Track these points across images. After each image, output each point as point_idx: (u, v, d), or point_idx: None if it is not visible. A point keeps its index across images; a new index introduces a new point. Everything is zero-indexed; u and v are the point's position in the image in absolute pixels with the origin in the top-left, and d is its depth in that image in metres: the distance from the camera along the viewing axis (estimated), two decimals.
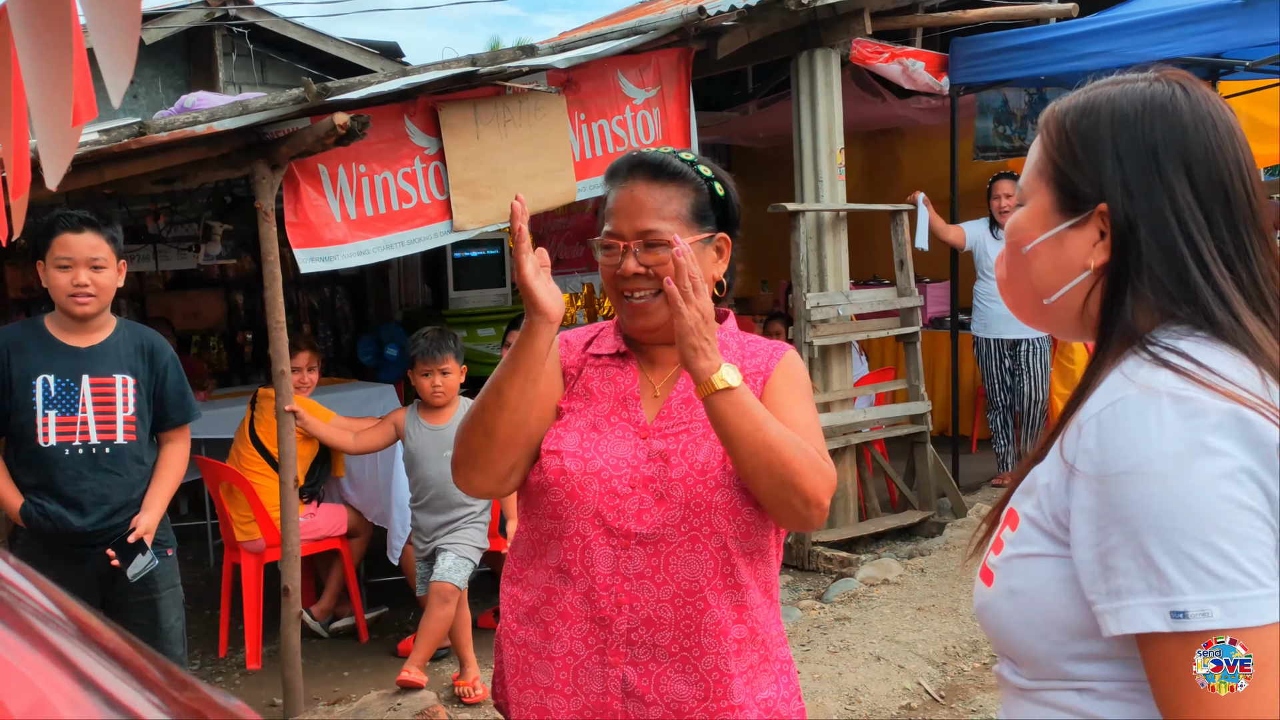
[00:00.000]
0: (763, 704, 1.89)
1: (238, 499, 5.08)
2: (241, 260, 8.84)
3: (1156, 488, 1.10)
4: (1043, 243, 1.29)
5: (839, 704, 4.27)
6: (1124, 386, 1.16)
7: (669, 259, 1.82)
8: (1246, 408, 1.11)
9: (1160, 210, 1.21)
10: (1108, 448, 1.14)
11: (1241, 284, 1.21)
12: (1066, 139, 1.28)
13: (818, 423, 1.92)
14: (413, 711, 4.17)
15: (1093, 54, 6.32)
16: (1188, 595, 1.07)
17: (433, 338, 4.65)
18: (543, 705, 1.90)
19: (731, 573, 1.85)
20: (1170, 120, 1.24)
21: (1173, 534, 1.08)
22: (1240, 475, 1.09)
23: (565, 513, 1.88)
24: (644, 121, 5.65)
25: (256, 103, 4.29)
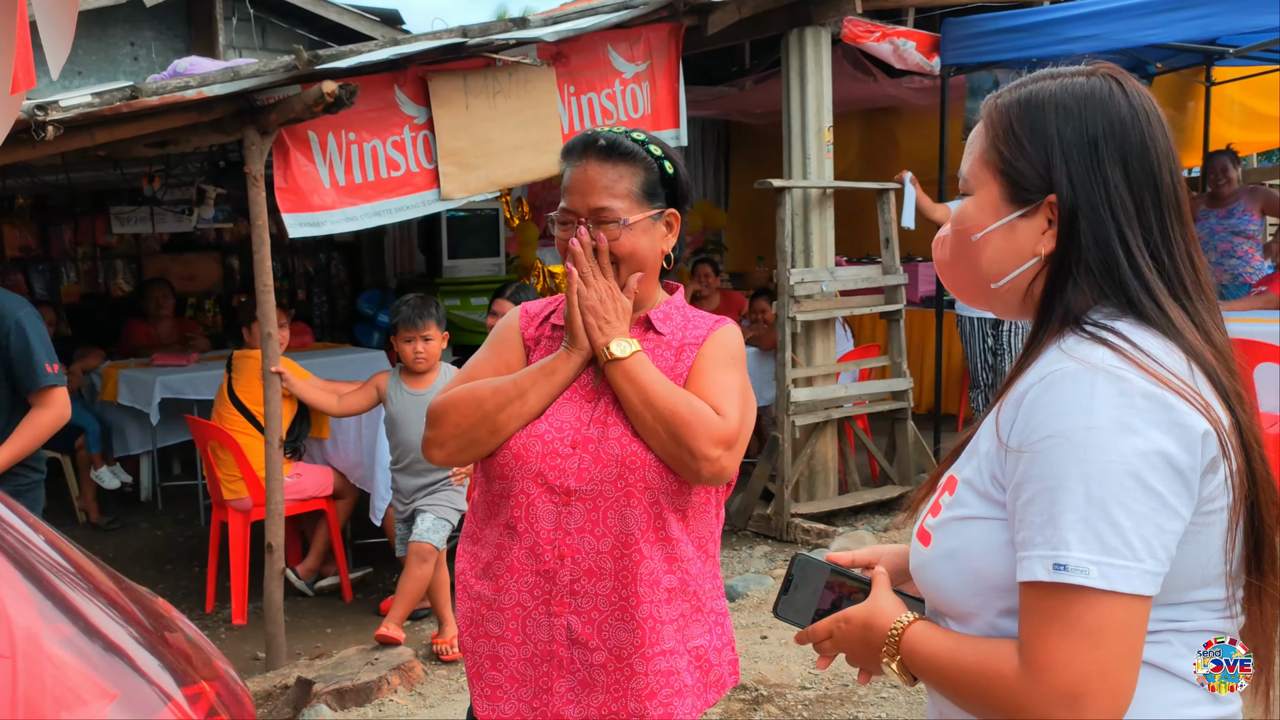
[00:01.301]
0: (693, 651, 2.03)
1: (225, 458, 5.19)
2: (237, 224, 8.91)
3: (1075, 453, 1.19)
4: (993, 231, 1.36)
5: (804, 667, 4.38)
6: (1061, 360, 1.25)
7: (619, 234, 2.01)
8: (1174, 393, 1.20)
9: (1097, 202, 1.30)
10: (1038, 413, 1.23)
11: (1164, 272, 1.30)
12: (1013, 132, 1.35)
13: (736, 387, 2.04)
14: (390, 666, 4.29)
15: (1081, 37, 6.37)
16: (1073, 551, 1.17)
17: (415, 304, 4.74)
18: (495, 653, 2.03)
19: (663, 526, 1.98)
20: (1110, 114, 1.31)
21: (1077, 497, 1.18)
22: (1154, 458, 1.18)
23: (511, 473, 2.00)
24: (633, 95, 5.71)
25: (247, 69, 4.36)
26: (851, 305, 6.63)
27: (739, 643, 4.55)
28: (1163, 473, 1.18)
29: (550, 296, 2.25)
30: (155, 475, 7.25)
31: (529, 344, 2.15)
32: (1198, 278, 1.32)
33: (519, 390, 2.02)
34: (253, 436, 5.14)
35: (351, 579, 5.54)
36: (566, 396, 2.04)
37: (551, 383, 2.03)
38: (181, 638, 1.63)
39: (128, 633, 1.52)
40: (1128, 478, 1.17)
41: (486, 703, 2.04)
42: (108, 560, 4.47)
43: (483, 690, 2.05)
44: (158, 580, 5.84)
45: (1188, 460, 1.20)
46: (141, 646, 1.50)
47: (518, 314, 2.21)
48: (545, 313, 2.19)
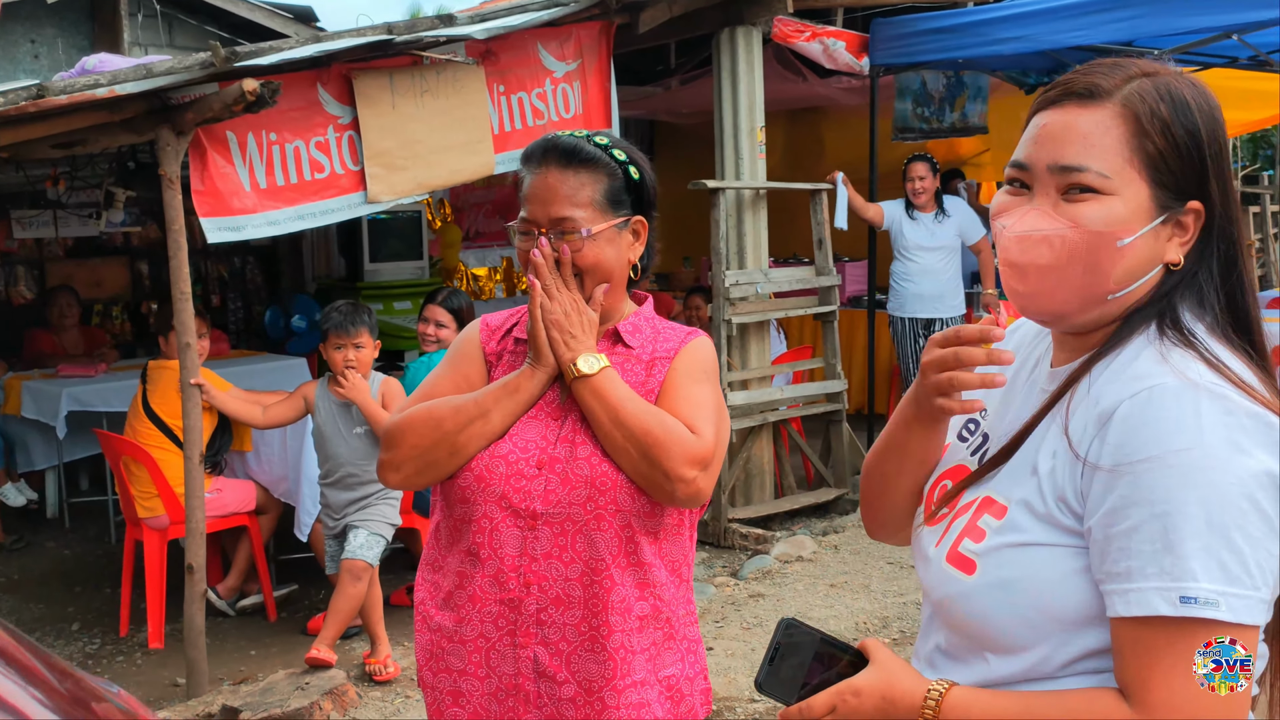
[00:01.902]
0: (665, 681, 1.92)
1: (139, 474, 4.94)
2: (147, 228, 8.60)
3: (1189, 476, 1.11)
4: (1141, 237, 1.24)
5: (751, 679, 4.29)
6: (1160, 372, 1.17)
7: (582, 245, 1.90)
8: (1273, 413, 1.14)
9: (1231, 210, 1.25)
10: (1139, 432, 1.14)
11: (1249, 292, 1.28)
12: (1170, 130, 1.24)
13: (710, 403, 1.94)
14: (321, 691, 4.10)
15: (1008, 39, 6.41)
16: (1200, 582, 1.09)
17: (346, 311, 4.55)
18: (457, 689, 1.92)
19: (635, 550, 1.87)
20: (1218, 118, 1.26)
21: (1198, 523, 1.10)
22: (1265, 480, 1.11)
23: (473, 496, 1.89)
24: (564, 95, 5.58)
25: (161, 66, 4.14)
26: (786, 307, 6.58)
27: None
28: (1273, 494, 1.12)
29: (513, 309, 2.12)
30: (62, 491, 6.93)
31: (490, 359, 2.04)
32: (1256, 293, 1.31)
33: (481, 409, 1.91)
34: (169, 451, 4.91)
35: (276, 597, 5.33)
36: (531, 415, 1.93)
37: (515, 401, 1.92)
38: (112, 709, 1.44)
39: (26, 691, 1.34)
40: (1245, 501, 1.11)
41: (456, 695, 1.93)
42: (13, 583, 4.20)
43: (448, 680, 1.94)
44: (68, 603, 5.56)
45: None
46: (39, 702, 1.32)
47: (477, 327, 2.09)
48: (507, 325, 2.07)
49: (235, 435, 5.27)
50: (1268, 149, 16.63)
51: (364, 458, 4.51)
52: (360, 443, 4.53)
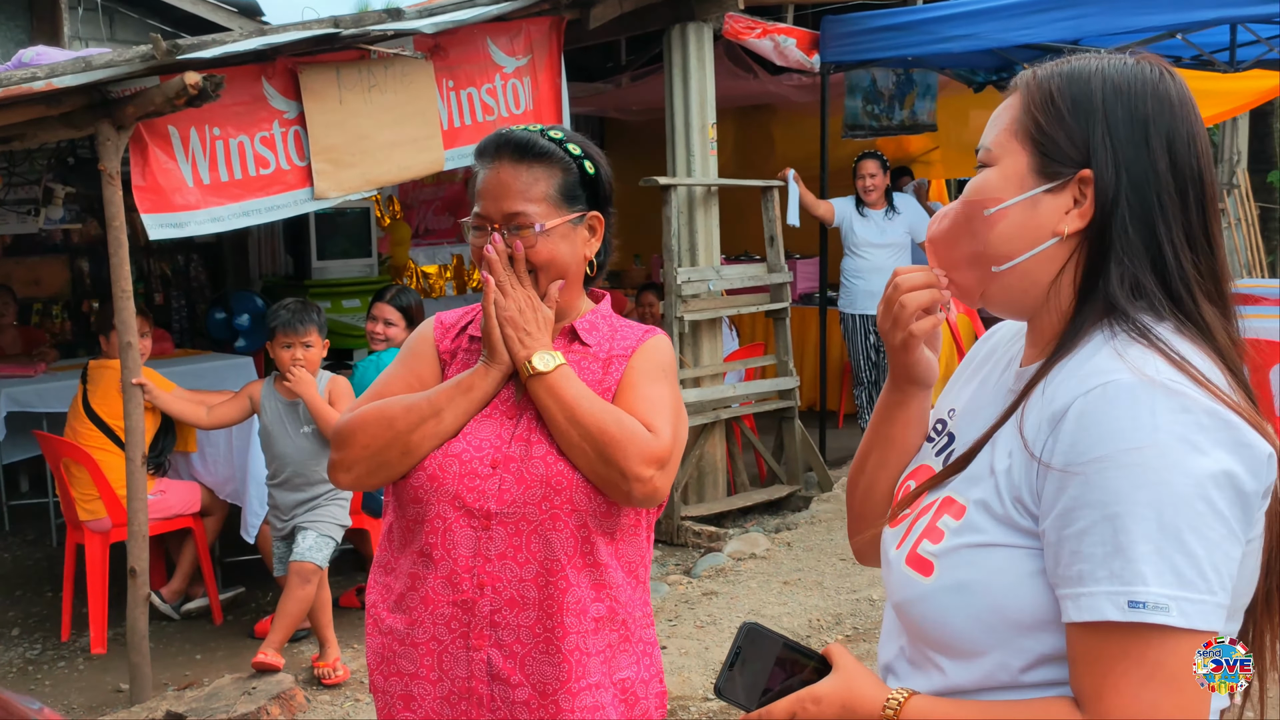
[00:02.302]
0: (620, 684, 1.90)
1: (80, 476, 4.83)
2: (87, 225, 8.43)
3: (1141, 475, 1.07)
4: (1013, 206, 1.23)
5: (705, 678, 4.27)
6: (1114, 368, 1.12)
7: (535, 241, 1.87)
8: (1233, 411, 1.10)
9: (1145, 185, 1.19)
10: (1091, 429, 1.10)
11: (1200, 270, 1.19)
12: (1053, 100, 1.23)
13: (668, 402, 1.91)
14: (269, 695, 4.03)
15: (958, 37, 6.45)
16: (1150, 586, 1.06)
17: (295, 309, 4.47)
18: (408, 693, 1.88)
19: (591, 551, 1.84)
20: (1160, 97, 1.21)
21: (1149, 524, 1.06)
22: (1222, 479, 1.07)
23: (426, 496, 1.86)
24: (514, 90, 5.53)
25: (101, 59, 4.05)
26: (738, 304, 6.57)
27: None
28: (1230, 496, 1.08)
29: (468, 306, 2.09)
30: (1, 494, 6.77)
31: (445, 357, 2.00)
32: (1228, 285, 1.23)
33: (434, 408, 1.87)
34: (111, 453, 4.80)
35: (222, 600, 5.23)
36: (486, 414, 1.90)
37: (469, 399, 1.88)
38: None
39: None
40: (1200, 502, 1.06)
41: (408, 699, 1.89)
42: None
43: (399, 683, 1.90)
44: (8, 608, 5.43)
45: (1252, 484, 1.09)
46: None
47: (432, 325, 2.05)
48: (462, 323, 2.03)
49: (179, 436, 5.17)
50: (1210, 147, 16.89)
51: (311, 458, 4.44)
52: (308, 442, 4.46)
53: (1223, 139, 13.98)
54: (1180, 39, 6.88)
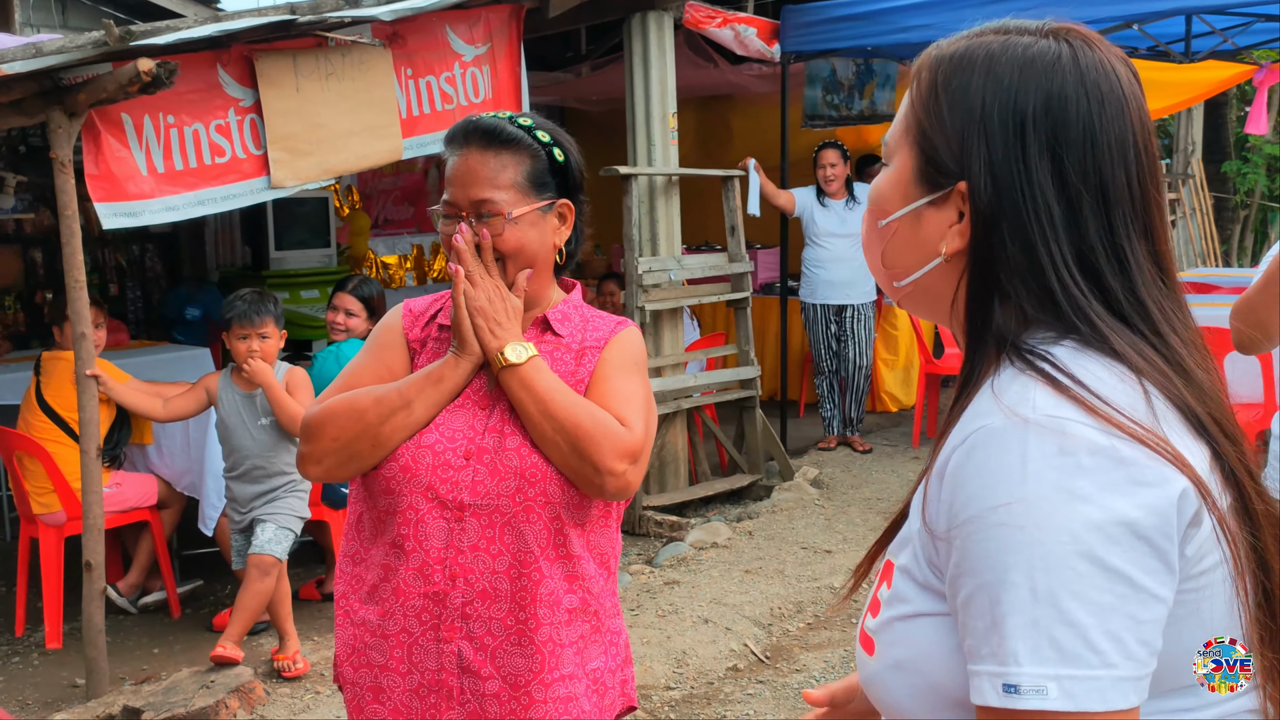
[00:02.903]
0: (591, 674, 1.90)
1: (34, 469, 4.77)
2: (40, 215, 8.31)
3: (1012, 536, 0.92)
4: (901, 218, 1.11)
5: (667, 667, 4.28)
6: (987, 412, 0.99)
7: (503, 228, 1.86)
8: (1132, 441, 0.94)
9: (1019, 198, 1.03)
10: (963, 487, 0.97)
11: (1105, 289, 1.03)
12: (936, 96, 1.08)
13: (640, 394, 1.90)
14: (228, 689, 3.99)
15: (916, 27, 6.47)
16: (1024, 667, 0.91)
17: (251, 299, 4.42)
18: (378, 685, 1.88)
19: (564, 542, 1.84)
20: (1049, 88, 1.03)
21: (1021, 593, 0.91)
22: (1112, 529, 0.91)
23: (399, 487, 1.85)
24: (474, 79, 5.50)
25: (52, 45, 3.98)
26: (700, 294, 6.58)
27: None
28: (1126, 547, 0.91)
29: (436, 293, 2.07)
30: None
31: (414, 346, 1.98)
32: (1163, 295, 1.05)
33: (404, 399, 1.86)
34: (66, 445, 4.74)
35: (179, 594, 5.18)
36: (458, 404, 1.89)
37: (439, 391, 1.87)
38: None
39: None
40: (1082, 561, 0.90)
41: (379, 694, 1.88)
42: None
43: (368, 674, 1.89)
44: None
45: (1158, 525, 0.92)
46: None
47: (400, 313, 2.02)
48: (431, 311, 2.01)
49: (135, 428, 5.11)
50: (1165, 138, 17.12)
51: (270, 449, 4.41)
52: (265, 434, 4.42)
53: (1178, 129, 14.13)
54: (1136, 30, 6.94)
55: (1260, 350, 2.68)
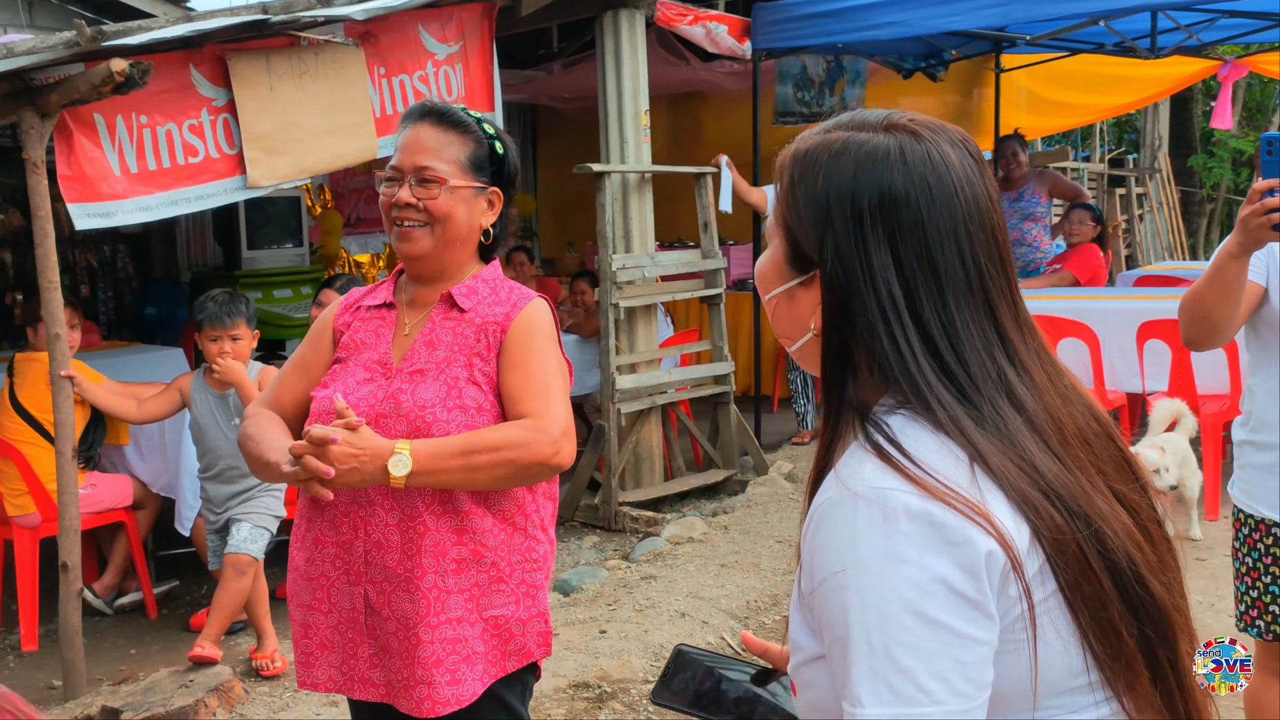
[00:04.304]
0: (491, 620, 2.10)
1: (8, 471, 4.75)
2: (9, 215, 8.25)
3: (849, 597, 1.06)
4: (776, 295, 1.23)
5: (645, 661, 4.31)
6: (830, 485, 1.12)
7: (439, 194, 2.09)
8: (946, 507, 1.06)
9: (861, 283, 1.14)
10: (815, 553, 1.10)
11: (944, 365, 1.13)
12: (794, 191, 1.20)
13: (553, 368, 2.12)
14: (206, 688, 3.99)
15: (886, 24, 6.53)
16: (866, 710, 1.04)
17: (223, 300, 4.42)
18: (307, 622, 2.15)
19: (450, 499, 2.05)
20: (881, 183, 1.15)
21: (860, 645, 1.05)
22: (931, 586, 1.04)
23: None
24: (446, 77, 5.51)
25: (23, 45, 3.97)
26: (673, 290, 6.61)
27: (577, 639, 4.46)
28: (945, 601, 1.04)
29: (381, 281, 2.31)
30: None
31: (339, 331, 2.23)
32: (1000, 371, 1.15)
33: (261, 459, 2.14)
34: (40, 447, 4.72)
35: (156, 594, 5.17)
36: (366, 376, 2.13)
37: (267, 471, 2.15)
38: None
39: None
40: (906, 615, 1.03)
41: (303, 670, 2.16)
42: None
43: (300, 658, 2.17)
44: None
45: (970, 583, 1.05)
46: None
47: (338, 305, 2.29)
48: (364, 301, 2.26)
49: (110, 429, 5.10)
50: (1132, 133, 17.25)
51: None
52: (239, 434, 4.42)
53: (1145, 124, 14.27)
54: (1103, 26, 7.03)
55: (1207, 348, 2.71)
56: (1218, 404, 5.83)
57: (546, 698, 4.00)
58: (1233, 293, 2.53)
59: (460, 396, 2.06)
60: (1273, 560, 2.72)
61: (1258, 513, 2.74)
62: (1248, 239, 2.39)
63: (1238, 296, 2.54)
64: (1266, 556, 2.73)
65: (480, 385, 2.08)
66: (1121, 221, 12.97)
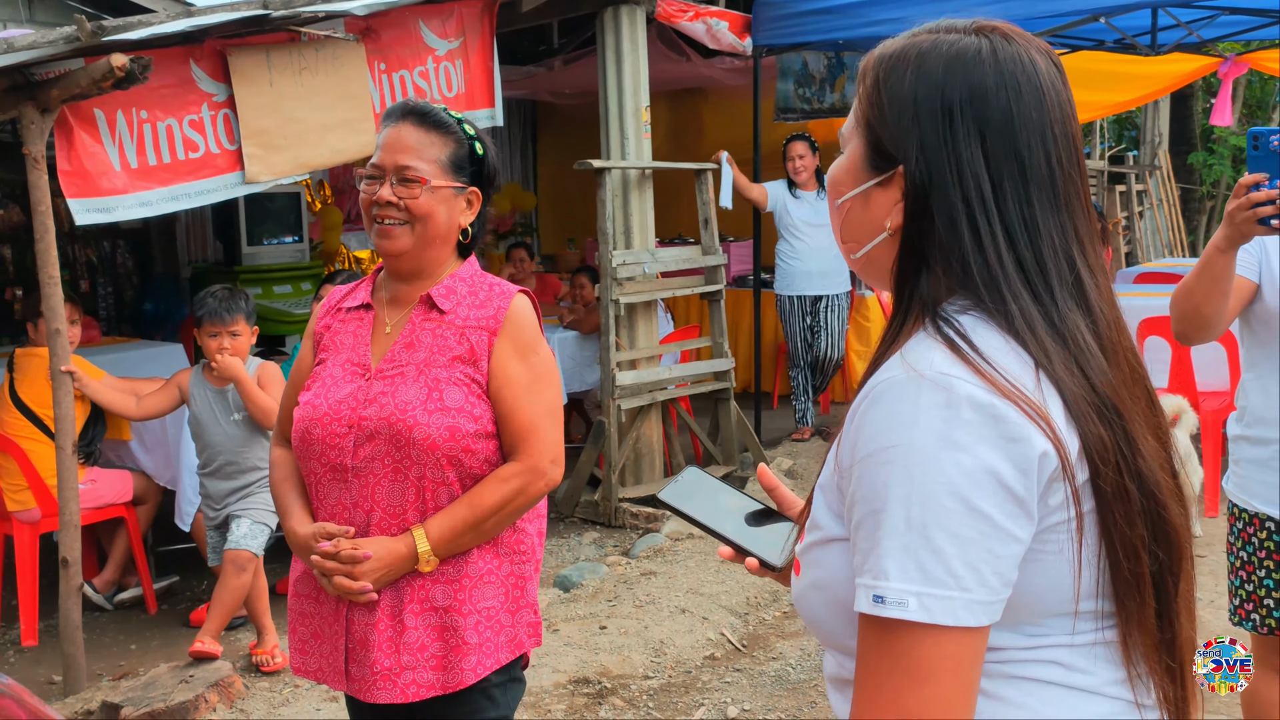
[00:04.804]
0: (482, 611, 2.14)
1: (8, 466, 4.75)
2: (9, 211, 8.24)
3: (896, 473, 1.07)
4: (852, 198, 1.24)
5: (645, 656, 4.32)
6: (895, 365, 1.13)
7: (420, 194, 2.12)
8: (1010, 403, 1.07)
9: (947, 177, 1.16)
10: (865, 428, 1.12)
11: (1023, 261, 1.15)
12: (878, 90, 1.21)
13: (544, 376, 2.18)
14: (207, 683, 4.00)
15: (888, 20, 6.51)
16: (891, 582, 1.06)
17: (222, 297, 4.42)
18: (302, 610, 2.25)
19: (433, 499, 2.10)
20: (971, 79, 1.16)
21: (898, 521, 1.07)
22: (981, 476, 1.06)
23: (303, 455, 2.19)
24: (447, 73, 5.50)
25: (23, 40, 3.97)
26: (673, 286, 6.61)
27: (578, 634, 4.46)
28: (991, 492, 1.06)
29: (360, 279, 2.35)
30: None
31: (318, 335, 2.28)
32: (1075, 274, 1.17)
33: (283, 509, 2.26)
34: (40, 442, 4.72)
35: (156, 590, 5.17)
36: (346, 378, 2.17)
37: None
38: None
39: None
40: (951, 499, 1.05)
41: (297, 655, 2.24)
42: None
43: (295, 644, 2.25)
44: None
45: (1020, 480, 1.07)
46: None
47: (319, 309, 2.33)
48: (345, 304, 2.29)
49: (111, 424, 5.09)
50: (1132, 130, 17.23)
51: (242, 445, 4.41)
52: (238, 430, 4.42)
53: (1145, 121, 14.25)
54: (1103, 23, 7.02)
55: (1198, 341, 2.72)
56: (1217, 401, 5.83)
57: (546, 693, 4.00)
58: (1221, 286, 2.55)
59: (442, 399, 2.09)
60: (1267, 554, 2.73)
61: (1252, 507, 2.75)
62: (1234, 232, 2.42)
63: (1226, 290, 2.56)
64: (1260, 550, 2.74)
65: (462, 387, 2.11)
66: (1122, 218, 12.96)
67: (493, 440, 2.14)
